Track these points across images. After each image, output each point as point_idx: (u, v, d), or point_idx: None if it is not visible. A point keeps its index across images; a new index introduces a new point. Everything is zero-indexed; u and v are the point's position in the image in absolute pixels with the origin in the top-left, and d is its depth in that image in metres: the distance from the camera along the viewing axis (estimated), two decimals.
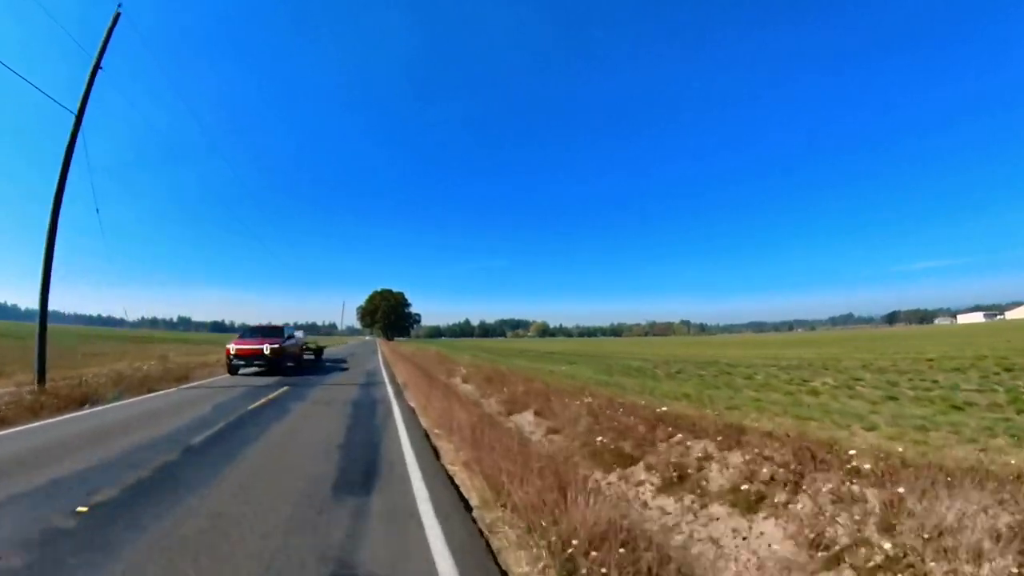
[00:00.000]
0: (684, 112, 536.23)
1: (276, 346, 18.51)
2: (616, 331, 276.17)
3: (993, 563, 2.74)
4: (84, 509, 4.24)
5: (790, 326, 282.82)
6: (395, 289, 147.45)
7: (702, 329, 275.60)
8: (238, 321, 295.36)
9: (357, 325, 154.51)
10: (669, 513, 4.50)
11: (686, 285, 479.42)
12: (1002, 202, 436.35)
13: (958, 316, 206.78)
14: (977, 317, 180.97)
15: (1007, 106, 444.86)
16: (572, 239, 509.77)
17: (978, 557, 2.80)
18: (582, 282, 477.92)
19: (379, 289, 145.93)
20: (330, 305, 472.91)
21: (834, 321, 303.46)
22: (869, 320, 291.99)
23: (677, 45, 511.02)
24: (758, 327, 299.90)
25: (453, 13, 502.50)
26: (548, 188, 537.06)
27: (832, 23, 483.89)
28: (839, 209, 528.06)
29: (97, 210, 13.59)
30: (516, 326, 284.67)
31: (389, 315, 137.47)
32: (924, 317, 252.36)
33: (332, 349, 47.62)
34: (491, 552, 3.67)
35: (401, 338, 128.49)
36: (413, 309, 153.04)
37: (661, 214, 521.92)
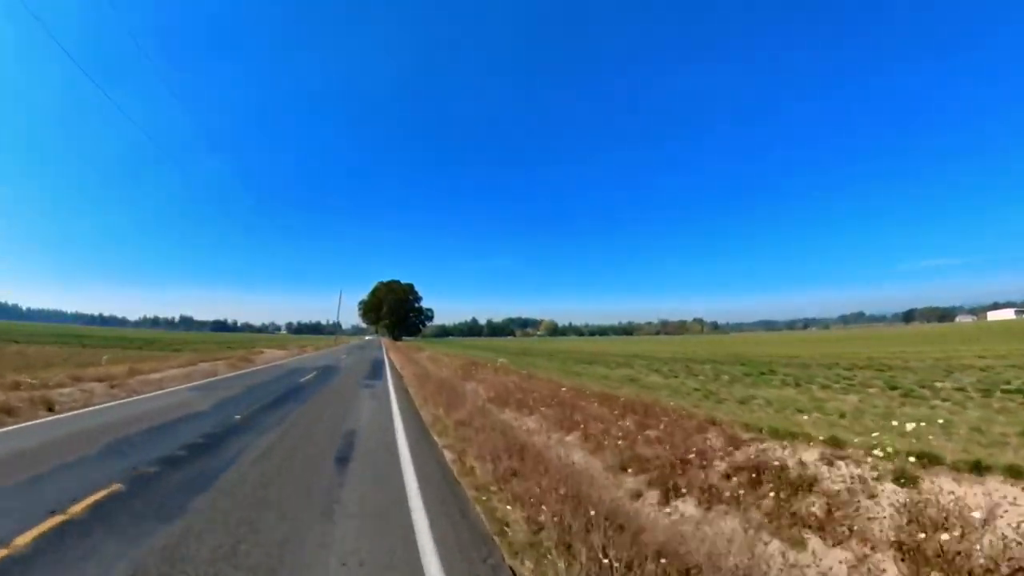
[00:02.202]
0: (692, 111, 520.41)
1: None
2: (627, 330, 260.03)
3: None
4: None
5: (804, 324, 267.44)
6: (402, 280, 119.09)
7: (716, 327, 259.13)
8: (241, 320, 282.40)
9: (362, 324, 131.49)
10: None
11: (693, 283, 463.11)
12: (1012, 200, 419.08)
13: (988, 313, 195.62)
14: (1007, 314, 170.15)
15: (1019, 101, 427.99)
16: (578, 237, 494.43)
17: None
18: (587, 280, 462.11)
19: (384, 280, 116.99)
20: (334, 304, 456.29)
21: (845, 319, 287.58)
22: (881, 318, 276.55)
23: (692, 48, 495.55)
24: (769, 325, 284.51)
25: (464, 12, 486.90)
26: (553, 187, 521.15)
27: (844, 20, 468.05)
28: (846, 207, 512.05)
29: None
30: (524, 324, 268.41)
31: (396, 310, 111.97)
32: (943, 315, 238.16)
33: (286, 359, 29.17)
34: None
35: (409, 338, 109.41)
36: (424, 303, 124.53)
37: (667, 212, 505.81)
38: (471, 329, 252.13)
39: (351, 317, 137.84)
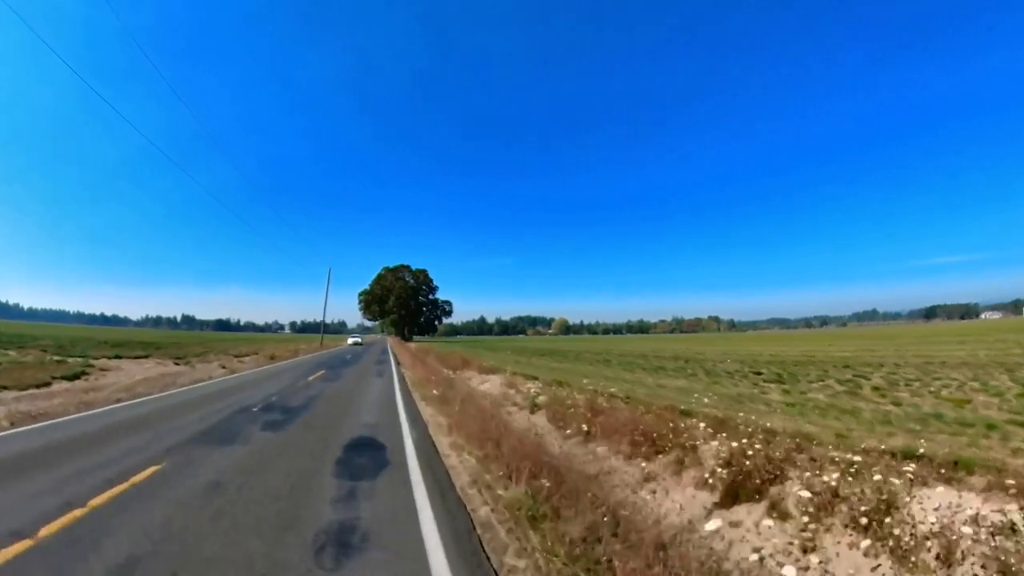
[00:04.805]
0: (701, 109, 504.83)
1: None
2: (642, 328, 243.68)
3: None
4: None
5: (823, 321, 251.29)
6: (414, 266, 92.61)
7: (732, 325, 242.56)
8: (245, 320, 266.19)
9: (366, 321, 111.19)
10: None
11: (708, 280, 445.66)
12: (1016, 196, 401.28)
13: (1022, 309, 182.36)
14: None
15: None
16: (587, 236, 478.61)
17: None
18: (596, 278, 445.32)
19: (390, 266, 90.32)
20: (339, 302, 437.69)
21: (859, 317, 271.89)
22: (896, 316, 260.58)
23: (696, 43, 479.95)
24: (782, 323, 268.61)
25: (467, 12, 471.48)
26: (560, 184, 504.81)
27: (852, 15, 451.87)
28: (856, 205, 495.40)
29: None
30: (534, 323, 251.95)
31: (406, 302, 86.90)
32: (965, 312, 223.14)
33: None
34: None
35: (421, 337, 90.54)
36: (440, 295, 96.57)
37: (680, 209, 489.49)
38: (480, 328, 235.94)
39: (356, 315, 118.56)
